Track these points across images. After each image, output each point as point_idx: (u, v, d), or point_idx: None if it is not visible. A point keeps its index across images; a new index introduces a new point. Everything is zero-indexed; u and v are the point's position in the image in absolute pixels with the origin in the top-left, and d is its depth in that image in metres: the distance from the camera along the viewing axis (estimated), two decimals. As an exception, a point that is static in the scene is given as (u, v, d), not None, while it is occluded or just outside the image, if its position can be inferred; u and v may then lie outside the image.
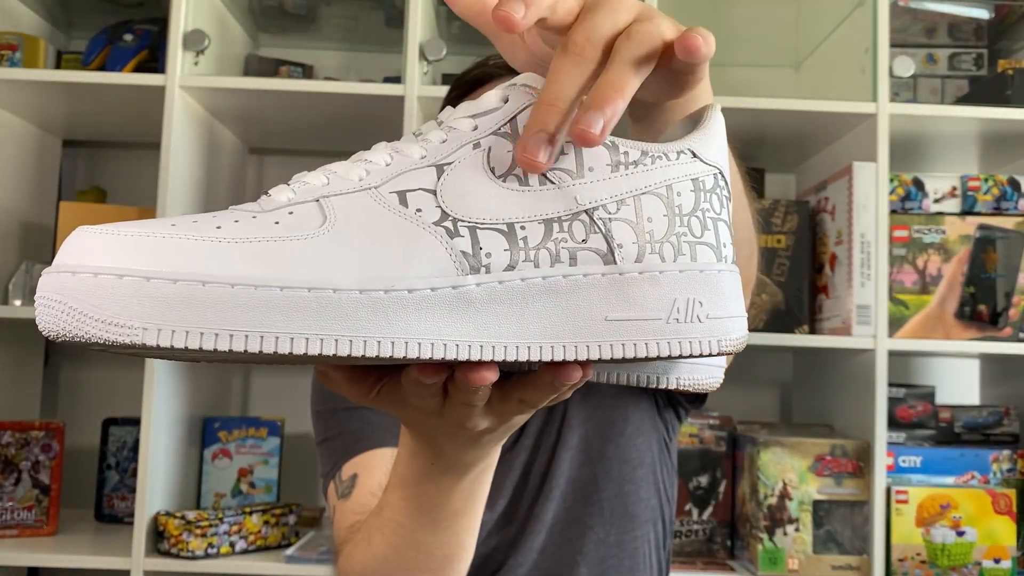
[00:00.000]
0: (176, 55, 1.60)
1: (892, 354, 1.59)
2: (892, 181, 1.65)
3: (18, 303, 1.65)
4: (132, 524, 1.55)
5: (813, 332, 1.68)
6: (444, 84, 1.68)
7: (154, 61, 1.71)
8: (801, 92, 1.93)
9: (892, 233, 1.61)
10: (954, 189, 1.66)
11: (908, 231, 1.63)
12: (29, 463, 1.66)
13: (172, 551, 1.53)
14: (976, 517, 1.57)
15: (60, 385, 1.99)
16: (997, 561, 1.56)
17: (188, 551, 1.52)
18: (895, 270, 1.62)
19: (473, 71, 1.06)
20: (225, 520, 1.56)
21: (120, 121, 1.83)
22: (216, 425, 1.77)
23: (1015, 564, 1.57)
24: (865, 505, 1.56)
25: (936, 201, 1.66)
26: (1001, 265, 1.62)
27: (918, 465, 1.64)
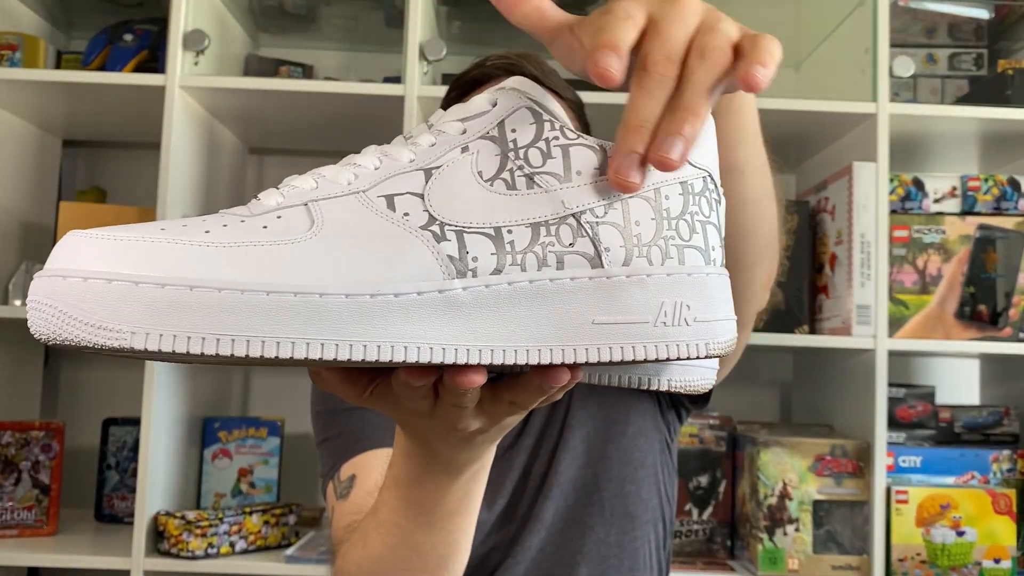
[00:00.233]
0: (176, 55, 1.60)
1: (892, 354, 1.58)
2: (892, 181, 1.64)
3: (18, 303, 1.65)
4: (132, 524, 1.55)
5: (813, 332, 1.68)
6: (444, 84, 1.67)
7: (154, 61, 1.71)
8: (801, 92, 1.93)
9: (892, 233, 1.61)
10: (954, 189, 1.66)
11: (908, 231, 1.63)
12: (29, 463, 1.66)
13: (172, 551, 1.53)
14: (976, 517, 1.57)
15: (60, 385, 2.00)
16: (997, 561, 1.56)
17: (188, 551, 1.52)
18: (895, 270, 1.62)
19: (472, 72, 1.06)
20: (225, 520, 1.57)
21: (120, 121, 1.83)
22: (216, 425, 1.77)
23: (1015, 564, 1.57)
24: (865, 505, 1.56)
25: (936, 201, 1.66)
26: (1001, 265, 1.62)
27: (918, 465, 1.64)
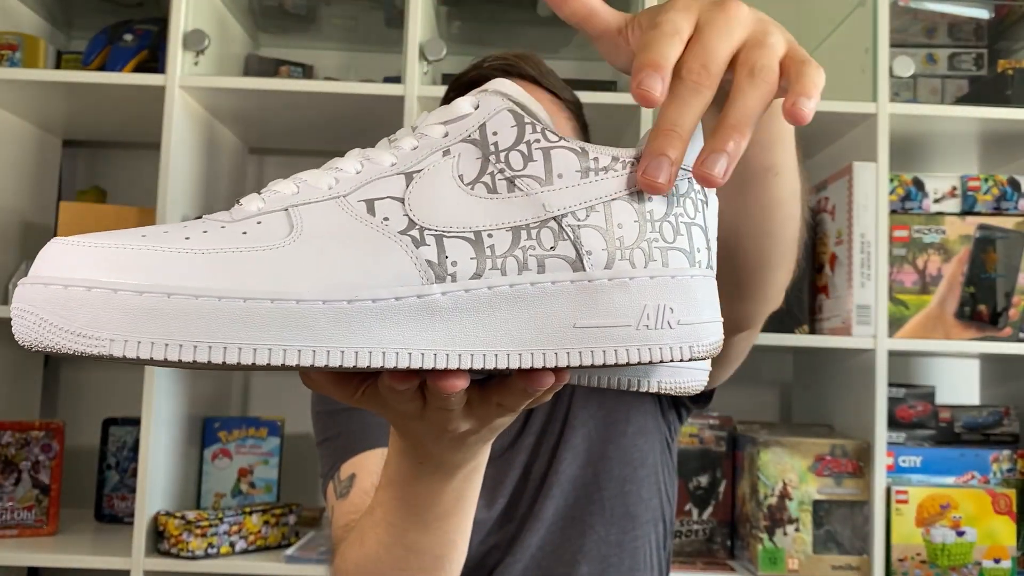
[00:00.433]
0: (176, 55, 1.60)
1: (892, 354, 1.58)
2: (892, 181, 1.64)
3: (18, 303, 1.65)
4: (132, 524, 1.55)
5: (813, 332, 1.67)
6: (444, 84, 1.67)
7: (154, 61, 1.71)
8: (801, 91, 1.93)
9: (892, 233, 1.61)
10: (954, 189, 1.66)
11: (908, 231, 1.62)
12: (29, 463, 1.67)
13: (172, 551, 1.53)
14: (976, 517, 1.57)
15: (60, 385, 2.00)
16: (997, 561, 1.56)
17: (188, 551, 1.52)
18: (895, 270, 1.61)
19: (469, 73, 1.06)
20: (225, 520, 1.57)
21: (120, 121, 1.83)
22: (216, 425, 1.77)
23: (1015, 564, 1.57)
24: (865, 505, 1.56)
25: (936, 201, 1.65)
26: (1001, 265, 1.61)
27: (918, 465, 1.64)
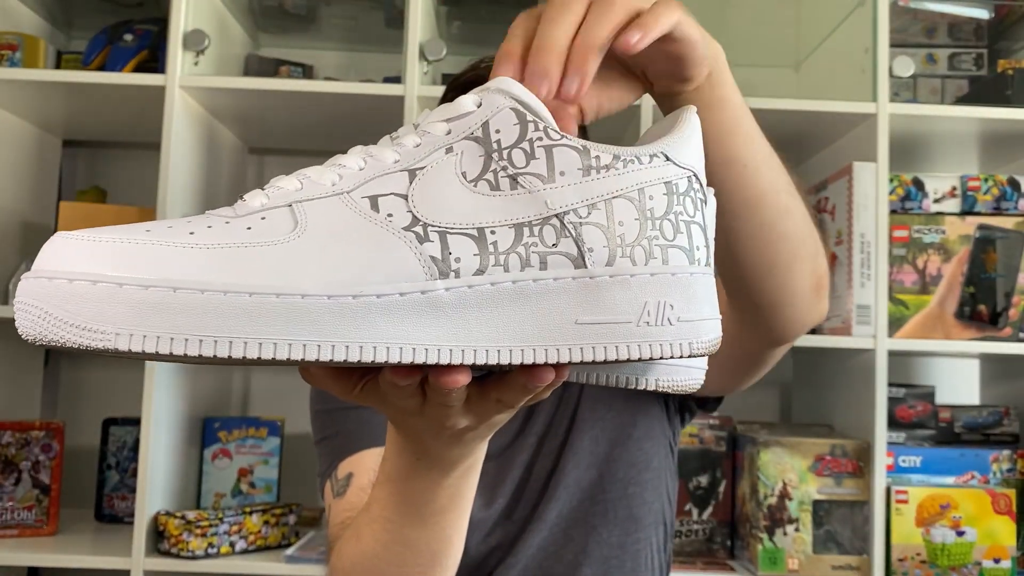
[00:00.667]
0: (176, 55, 1.60)
1: (892, 354, 1.58)
2: (892, 181, 1.64)
3: (18, 303, 1.65)
4: (132, 524, 1.55)
5: (813, 332, 1.67)
6: (444, 84, 1.67)
7: (154, 61, 1.71)
8: (801, 92, 1.93)
9: (892, 233, 1.61)
10: (954, 189, 1.66)
11: (908, 231, 1.63)
12: (29, 463, 1.67)
13: (172, 551, 1.53)
14: (976, 517, 1.57)
15: (60, 385, 2.00)
16: (997, 561, 1.56)
17: (188, 551, 1.52)
18: (895, 270, 1.61)
19: (467, 73, 1.06)
20: (225, 520, 1.57)
21: (120, 121, 1.84)
22: (216, 425, 1.77)
23: (1015, 564, 1.57)
24: (865, 505, 1.56)
25: (936, 201, 1.66)
26: (1001, 265, 1.61)
27: (918, 465, 1.64)
